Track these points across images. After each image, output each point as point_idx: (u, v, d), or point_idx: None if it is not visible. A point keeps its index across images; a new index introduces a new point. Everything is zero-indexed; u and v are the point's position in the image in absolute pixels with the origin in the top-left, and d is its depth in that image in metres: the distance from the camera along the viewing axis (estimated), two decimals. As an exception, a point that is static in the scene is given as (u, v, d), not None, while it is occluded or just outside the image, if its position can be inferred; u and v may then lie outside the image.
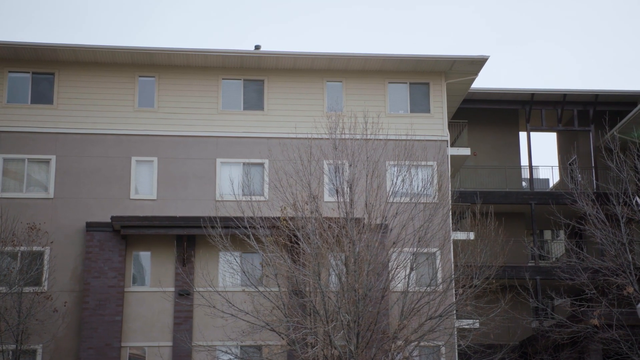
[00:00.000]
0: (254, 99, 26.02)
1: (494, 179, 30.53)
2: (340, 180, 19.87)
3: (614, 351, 22.44)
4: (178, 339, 22.37)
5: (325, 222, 19.34)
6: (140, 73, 25.81)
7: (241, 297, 20.80)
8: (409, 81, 26.44)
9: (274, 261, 19.51)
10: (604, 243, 22.33)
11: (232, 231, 20.52)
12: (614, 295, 22.33)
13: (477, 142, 30.21)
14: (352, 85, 26.24)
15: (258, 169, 25.04)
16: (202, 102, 25.74)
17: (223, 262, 22.45)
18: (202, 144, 25.40)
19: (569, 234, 29.97)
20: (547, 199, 28.44)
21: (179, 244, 23.50)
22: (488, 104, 30.12)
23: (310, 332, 18.97)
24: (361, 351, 18.57)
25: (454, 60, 25.89)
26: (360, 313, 18.65)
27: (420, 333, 19.29)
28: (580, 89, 30.08)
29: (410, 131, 23.17)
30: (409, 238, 19.82)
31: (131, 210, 24.42)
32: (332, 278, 19.69)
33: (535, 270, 28.16)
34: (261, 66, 26.07)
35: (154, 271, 23.59)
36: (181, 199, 24.75)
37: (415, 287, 19.85)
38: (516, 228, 29.53)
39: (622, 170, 22.67)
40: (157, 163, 25.09)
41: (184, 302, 22.85)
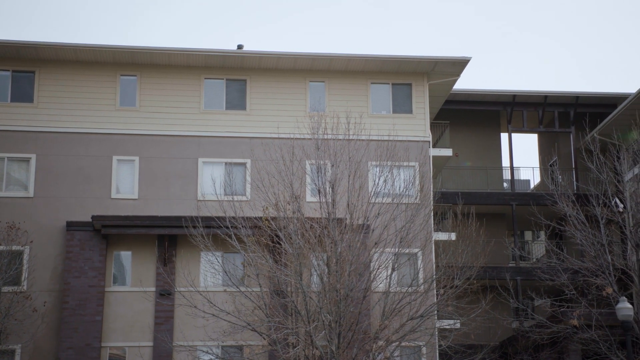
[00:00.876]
0: (237, 98, 25.97)
1: (475, 180, 30.67)
2: (323, 180, 19.87)
3: (593, 351, 22.61)
4: (159, 339, 22.27)
5: (308, 222, 19.33)
6: (122, 72, 25.68)
7: (222, 297, 20.74)
8: (392, 82, 26.51)
9: (256, 261, 19.47)
10: (583, 244, 22.50)
11: (213, 231, 20.46)
12: (594, 296, 22.51)
13: (458, 143, 30.33)
14: (335, 86, 26.26)
15: (240, 168, 24.99)
16: (184, 102, 25.66)
17: (204, 262, 22.39)
18: (184, 143, 25.31)
19: (549, 234, 30.17)
20: (528, 199, 28.61)
21: (160, 243, 23.40)
22: (470, 105, 30.25)
23: (291, 332, 18.95)
24: (342, 351, 18.58)
25: (436, 62, 25.98)
26: (342, 313, 18.66)
27: (402, 333, 19.33)
28: (561, 91, 30.29)
29: (393, 132, 23.20)
30: (391, 238, 19.86)
31: (112, 210, 24.29)
32: (314, 278, 19.69)
33: (515, 271, 28.32)
34: (244, 66, 26.02)
35: (135, 271, 23.47)
36: (163, 198, 24.65)
37: (397, 288, 19.89)
38: (497, 229, 29.68)
39: (602, 171, 22.85)
40: (138, 162, 24.98)
41: (165, 302, 22.76)
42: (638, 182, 22.63)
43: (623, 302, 20.22)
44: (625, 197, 22.84)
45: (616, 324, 21.62)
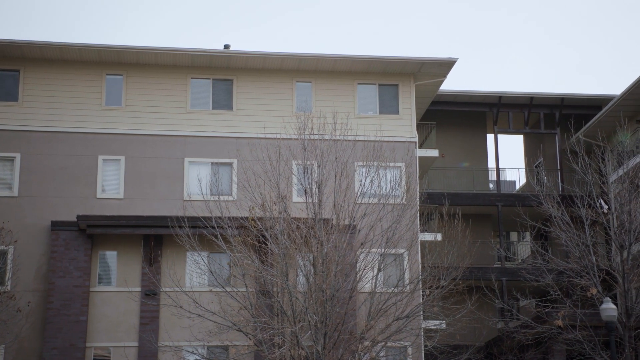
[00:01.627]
0: (223, 98, 25.91)
1: (461, 181, 30.75)
2: (309, 180, 19.87)
3: (577, 352, 22.72)
4: (144, 339, 22.19)
5: (294, 223, 19.32)
6: (108, 71, 25.57)
7: (208, 297, 20.69)
8: (378, 82, 26.54)
9: (242, 261, 19.44)
10: (568, 245, 22.60)
11: (199, 231, 20.41)
12: (578, 297, 22.61)
13: (445, 144, 30.41)
14: (322, 86, 26.27)
15: (226, 168, 24.94)
16: (170, 101, 25.58)
17: (190, 262, 22.32)
18: (170, 143, 25.23)
19: (534, 235, 30.29)
20: (514, 200, 28.72)
21: (146, 243, 23.32)
22: (456, 106, 30.33)
23: (277, 332, 18.94)
24: (328, 352, 18.58)
25: (422, 62, 26.03)
26: (328, 313, 18.67)
27: (387, 334, 19.36)
28: (546, 92, 30.43)
29: (379, 132, 23.24)
30: (377, 239, 19.88)
31: (97, 210, 24.18)
32: (300, 278, 19.68)
33: (501, 272, 28.42)
34: (230, 66, 25.97)
35: (120, 271, 23.37)
36: (148, 198, 24.56)
37: (383, 288, 19.91)
38: (483, 229, 29.78)
39: (587, 173, 22.96)
40: (124, 162, 24.88)
41: (150, 302, 22.68)
42: (622, 183, 22.76)
43: (607, 302, 20.33)
44: (609, 199, 22.97)
45: (600, 324, 21.74)
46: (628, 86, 27.18)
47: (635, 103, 27.83)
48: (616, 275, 22.09)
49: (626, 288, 21.73)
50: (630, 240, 21.93)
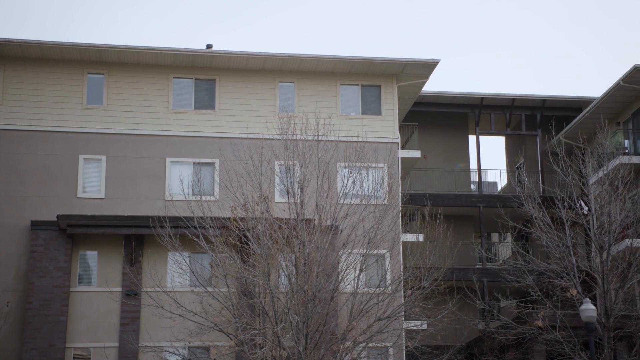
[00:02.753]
0: (205, 98, 25.84)
1: (443, 182, 30.86)
2: (291, 181, 19.85)
3: (557, 352, 22.86)
4: (124, 339, 22.07)
5: (276, 223, 19.30)
6: (89, 70, 25.42)
7: (190, 297, 20.63)
8: (361, 83, 26.57)
9: (224, 261, 19.39)
10: (549, 246, 22.73)
11: (181, 231, 20.34)
12: (558, 297, 22.74)
13: (427, 145, 30.50)
14: (304, 86, 26.26)
15: (208, 168, 24.87)
16: (152, 101, 25.47)
17: (172, 262, 22.22)
18: (151, 142, 25.12)
19: (515, 236, 30.46)
20: (495, 202, 28.86)
21: (127, 243, 23.19)
22: (438, 107, 30.43)
23: (259, 332, 18.91)
24: (310, 352, 18.58)
25: (405, 63, 26.10)
26: (310, 314, 18.66)
27: (369, 334, 19.38)
28: (528, 94, 30.61)
29: (362, 133, 23.28)
30: (359, 239, 19.90)
31: (78, 209, 24.03)
32: (282, 279, 19.66)
33: (482, 273, 28.54)
34: (213, 65, 25.90)
35: (101, 271, 23.23)
36: (130, 198, 24.44)
37: (365, 289, 19.93)
38: (464, 230, 29.89)
39: (568, 174, 23.11)
40: (105, 161, 24.75)
41: (131, 303, 22.56)
42: (602, 185, 22.93)
43: (587, 303, 20.47)
44: (589, 200, 23.13)
45: (580, 325, 21.88)
46: (608, 89, 27.41)
47: (615, 105, 28.07)
48: (596, 276, 22.24)
49: (605, 289, 21.89)
50: (609, 242, 22.09)
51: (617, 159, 26.23)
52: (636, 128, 27.59)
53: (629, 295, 22.64)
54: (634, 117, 27.83)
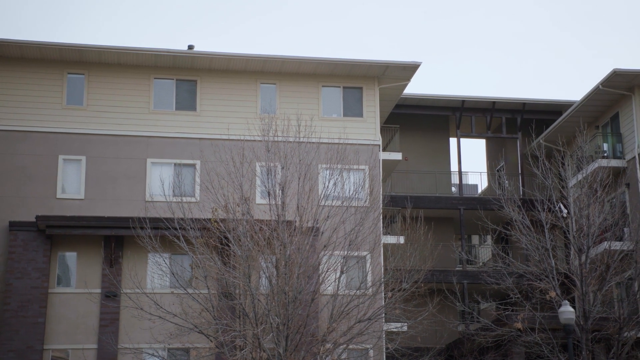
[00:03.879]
0: (187, 99, 25.75)
1: (424, 184, 30.96)
2: (273, 182, 19.83)
3: (535, 354, 23.00)
4: (103, 341, 21.93)
5: (257, 224, 19.27)
6: (70, 70, 25.25)
7: (170, 299, 20.54)
8: (343, 85, 26.60)
9: (204, 263, 19.33)
10: (528, 248, 22.86)
11: (161, 232, 20.25)
12: (537, 300, 22.89)
13: (408, 147, 30.59)
14: (286, 88, 26.24)
15: (189, 169, 24.79)
16: (133, 101, 25.35)
17: (152, 264, 22.12)
18: (132, 143, 25.00)
19: (495, 239, 30.61)
20: (476, 204, 28.98)
21: (107, 244, 23.06)
22: (420, 109, 30.53)
23: (239, 334, 18.86)
24: (290, 354, 18.56)
25: (386, 66, 26.16)
26: (290, 316, 18.64)
27: (349, 336, 19.39)
28: (508, 97, 30.78)
29: (343, 135, 23.30)
30: (340, 241, 19.91)
31: (57, 210, 23.85)
32: (263, 280, 19.62)
33: (462, 275, 28.66)
34: (194, 66, 25.83)
35: (80, 272, 23.07)
36: (110, 199, 24.30)
37: (345, 290, 19.95)
38: (445, 232, 30.00)
39: (547, 177, 23.26)
40: (85, 162, 24.59)
41: (110, 304, 22.43)
42: (581, 188, 23.10)
43: (565, 305, 20.61)
44: (569, 203, 23.30)
45: (558, 327, 22.03)
46: (587, 92, 27.64)
47: (594, 109, 28.31)
48: (574, 278, 22.40)
49: (584, 291, 22.05)
50: (588, 244, 22.26)
51: (596, 163, 26.45)
52: (615, 132, 27.85)
53: (606, 298, 22.83)
54: (612, 121, 28.09)
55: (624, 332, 21.94)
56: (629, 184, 26.65)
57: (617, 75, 26.37)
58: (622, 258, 22.85)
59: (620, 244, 23.70)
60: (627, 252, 23.28)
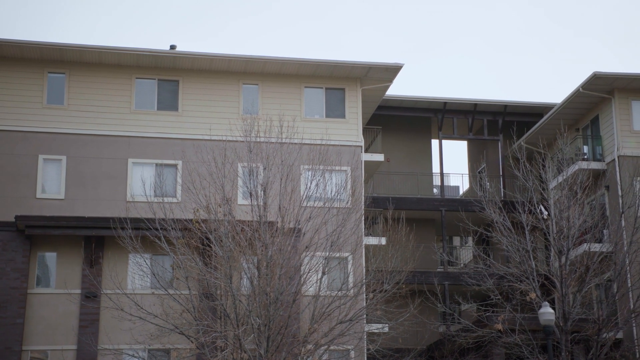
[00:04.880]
0: (168, 99, 25.66)
1: (406, 185, 31.03)
2: (254, 183, 19.80)
3: (516, 355, 23.11)
4: (83, 342, 21.78)
5: (238, 225, 19.22)
6: (50, 69, 25.07)
7: (150, 299, 20.44)
8: (325, 86, 26.61)
9: (185, 264, 19.26)
10: (509, 250, 22.97)
11: (142, 233, 20.15)
12: (518, 301, 23.00)
13: (390, 149, 30.65)
14: (269, 89, 26.21)
15: (171, 170, 24.69)
16: (114, 101, 25.21)
17: (133, 264, 22.01)
18: (113, 143, 24.86)
19: (476, 240, 30.74)
20: (457, 206, 29.09)
21: (87, 245, 22.90)
22: (402, 111, 30.61)
23: (220, 335, 18.81)
24: (271, 355, 18.53)
25: (369, 67, 26.21)
26: (271, 317, 18.62)
27: (331, 337, 19.40)
28: (490, 100, 30.92)
29: (325, 136, 23.32)
30: (322, 242, 19.91)
31: (37, 210, 23.67)
32: (244, 281, 19.58)
33: (443, 276, 28.75)
34: (176, 66, 25.74)
35: (60, 272, 22.90)
36: (90, 199, 24.15)
37: (327, 292, 19.95)
38: (426, 234, 30.09)
39: (528, 179, 23.39)
40: (65, 162, 24.43)
41: (90, 305, 22.28)
42: (562, 190, 23.25)
43: (545, 307, 20.74)
44: (549, 205, 23.44)
45: (538, 328, 22.15)
46: (568, 95, 27.84)
47: (575, 112, 28.52)
48: (554, 280, 22.54)
49: (564, 293, 22.20)
50: (568, 246, 22.41)
51: (576, 165, 26.65)
52: (595, 134, 28.07)
53: (586, 299, 22.99)
54: (592, 124, 28.31)
55: (602, 334, 22.10)
56: (609, 186, 26.87)
57: (598, 79, 26.58)
58: (602, 260, 23.02)
59: (599, 246, 23.88)
60: (607, 254, 23.46)
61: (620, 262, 22.85)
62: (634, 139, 26.87)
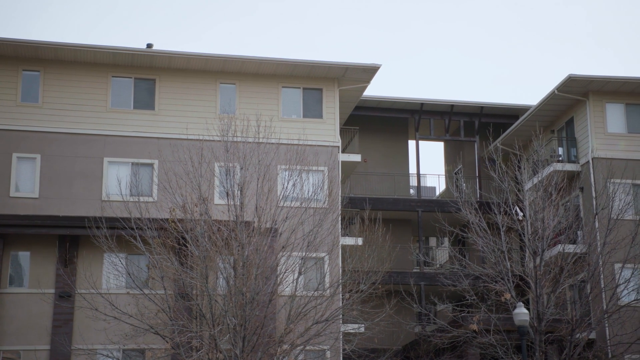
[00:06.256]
0: (145, 98, 25.51)
1: (383, 186, 31.09)
2: (231, 183, 19.74)
3: (490, 355, 23.25)
4: (56, 342, 21.58)
5: (215, 225, 19.15)
6: (25, 67, 24.82)
7: (125, 299, 20.30)
8: (303, 86, 26.60)
9: (161, 263, 19.15)
10: (485, 250, 23.10)
11: (118, 232, 20.01)
12: (493, 301, 23.14)
13: (367, 149, 30.70)
14: (246, 88, 26.15)
15: (147, 169, 24.55)
16: (90, 99, 25.02)
17: (108, 264, 21.85)
18: (89, 142, 24.67)
19: (452, 241, 30.88)
20: (433, 206, 29.20)
21: (62, 244, 22.70)
22: (379, 111, 30.67)
23: (195, 335, 18.72)
24: (247, 355, 18.49)
25: (346, 68, 26.24)
26: (247, 317, 18.57)
27: (307, 337, 19.39)
28: (466, 101, 31.08)
29: (303, 136, 23.30)
30: (298, 242, 19.90)
31: (10, 209, 23.42)
32: (220, 281, 19.51)
33: (419, 276, 28.84)
34: (153, 65, 25.59)
35: (33, 272, 22.68)
36: (65, 198, 23.94)
37: (303, 292, 19.94)
38: (403, 234, 30.17)
39: (504, 180, 23.54)
40: (40, 160, 24.20)
41: (64, 304, 22.08)
42: (537, 191, 23.43)
43: (520, 307, 20.88)
44: (524, 206, 23.61)
45: (513, 328, 22.30)
46: (543, 97, 28.06)
47: (550, 114, 28.76)
48: (529, 280, 22.70)
49: (538, 293, 22.36)
50: (542, 247, 22.58)
51: (551, 166, 26.87)
52: (570, 136, 28.32)
53: (560, 300, 23.18)
54: (567, 126, 28.56)
55: (576, 334, 22.29)
56: (583, 188, 27.13)
57: (572, 81, 26.82)
58: (575, 261, 23.22)
59: (573, 247, 24.10)
60: (580, 255, 23.68)
61: (594, 263, 23.07)
62: (608, 141, 27.15)
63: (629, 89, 27.46)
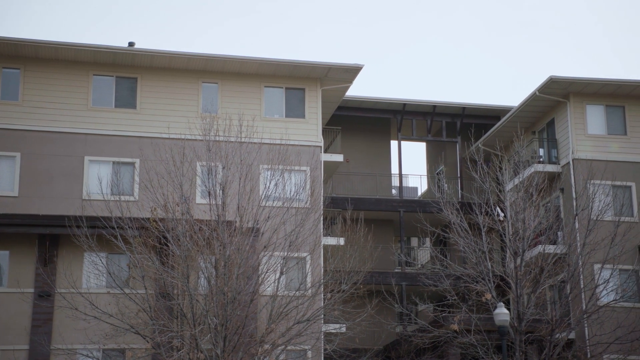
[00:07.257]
0: (127, 96, 25.38)
1: (365, 186, 31.14)
2: (213, 182, 19.68)
3: (471, 355, 23.35)
4: (35, 342, 21.40)
5: (196, 224, 19.09)
6: (4, 64, 24.63)
7: (106, 299, 20.18)
8: (285, 86, 26.58)
9: (142, 263, 19.06)
10: (466, 251, 23.20)
11: (98, 231, 19.89)
12: (474, 302, 23.24)
13: (350, 149, 30.73)
14: (228, 88, 26.09)
15: (128, 168, 24.42)
16: (71, 98, 24.85)
17: (88, 263, 21.70)
18: (69, 140, 24.51)
19: (434, 241, 30.97)
20: (415, 207, 29.28)
21: (41, 243, 22.51)
22: (362, 112, 30.71)
23: (176, 335, 18.65)
24: (227, 355, 18.44)
25: (329, 68, 26.25)
26: (229, 316, 18.53)
27: (288, 337, 19.37)
28: (449, 101, 31.20)
29: (285, 136, 23.28)
30: (280, 242, 19.88)
31: (-11, 207, 23.22)
32: (202, 281, 19.45)
33: (401, 276, 28.91)
34: (135, 63, 25.46)
35: (12, 271, 22.47)
36: (45, 196, 23.77)
37: (285, 291, 19.92)
38: (385, 234, 30.23)
39: (485, 181, 23.65)
40: (19, 158, 24.01)
41: (43, 304, 21.91)
42: (518, 192, 23.56)
43: (500, 307, 20.99)
44: (505, 207, 23.73)
45: (493, 328, 22.41)
46: (525, 98, 28.23)
47: (531, 115, 28.93)
48: (510, 281, 22.82)
49: (518, 294, 22.49)
50: (523, 248, 22.71)
51: (532, 167, 27.03)
52: (551, 137, 28.50)
53: (540, 300, 23.33)
54: (548, 127, 28.74)
55: (555, 334, 22.45)
56: (563, 189, 27.32)
57: (553, 82, 26.99)
58: (556, 261, 23.38)
59: (554, 248, 24.26)
60: (560, 255, 23.84)
61: (574, 263, 23.23)
62: (589, 142, 27.35)
63: (609, 90, 27.69)
